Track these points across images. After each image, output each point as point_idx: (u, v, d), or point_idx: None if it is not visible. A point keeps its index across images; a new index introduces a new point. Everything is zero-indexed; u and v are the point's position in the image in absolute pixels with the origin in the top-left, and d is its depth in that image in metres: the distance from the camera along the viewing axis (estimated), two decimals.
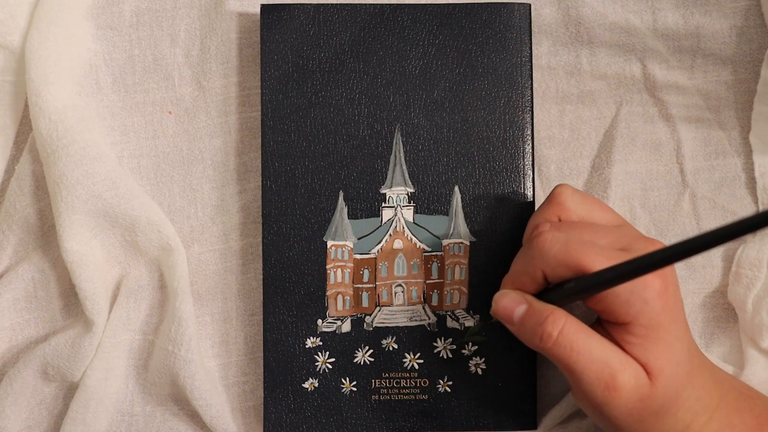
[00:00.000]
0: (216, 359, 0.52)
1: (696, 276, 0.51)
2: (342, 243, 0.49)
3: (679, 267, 0.51)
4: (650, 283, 0.40)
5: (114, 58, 0.52)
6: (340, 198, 0.49)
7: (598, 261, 0.40)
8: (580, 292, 0.41)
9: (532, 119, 0.50)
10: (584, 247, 0.41)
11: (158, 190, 0.52)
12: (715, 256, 0.51)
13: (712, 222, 0.52)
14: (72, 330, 0.50)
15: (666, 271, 0.41)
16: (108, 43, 0.52)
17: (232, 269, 0.52)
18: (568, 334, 0.41)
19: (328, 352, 0.49)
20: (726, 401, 0.44)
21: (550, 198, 0.45)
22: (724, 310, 0.51)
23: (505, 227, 0.49)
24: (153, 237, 0.50)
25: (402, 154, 0.50)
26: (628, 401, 0.41)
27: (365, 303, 0.50)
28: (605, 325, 0.43)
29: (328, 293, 0.49)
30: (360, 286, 0.50)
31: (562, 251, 0.41)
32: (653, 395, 0.41)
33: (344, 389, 0.50)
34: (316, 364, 0.50)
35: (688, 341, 0.43)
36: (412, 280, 0.50)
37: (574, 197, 0.45)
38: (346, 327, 0.50)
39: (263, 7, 0.50)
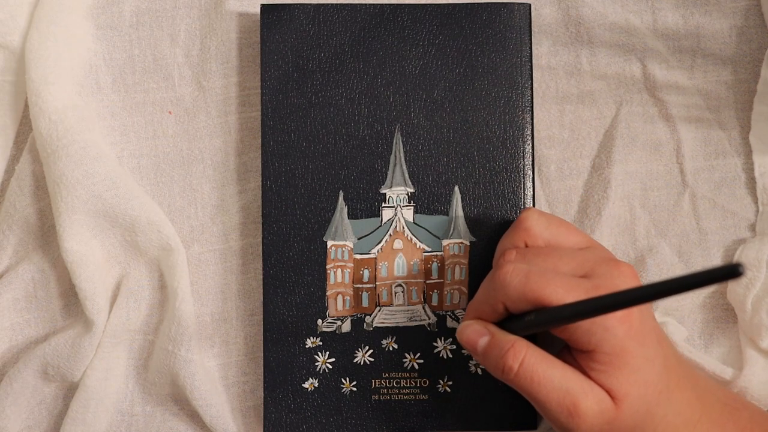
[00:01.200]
0: (216, 359, 0.52)
1: None
2: (342, 243, 0.49)
3: (679, 266, 0.51)
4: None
5: (114, 58, 0.52)
6: (340, 198, 0.49)
7: (556, 294, 0.40)
8: (540, 325, 0.41)
9: (532, 119, 0.50)
10: (544, 280, 0.41)
11: (158, 190, 0.52)
12: (715, 256, 0.51)
13: (711, 222, 0.52)
14: (72, 330, 0.50)
15: None
16: (108, 43, 0.52)
17: (232, 269, 0.52)
18: (528, 366, 0.41)
19: (328, 352, 0.50)
20: (709, 414, 0.44)
21: (517, 223, 0.46)
22: (724, 311, 0.51)
23: (505, 227, 0.49)
24: (153, 237, 0.50)
25: (402, 154, 0.50)
26: (593, 426, 0.41)
27: (365, 303, 0.50)
28: (572, 351, 0.43)
29: (328, 293, 0.49)
30: (360, 286, 0.50)
31: (522, 284, 0.41)
32: (620, 417, 0.41)
33: (344, 389, 0.50)
34: (316, 364, 0.50)
35: (662, 359, 0.42)
36: (412, 280, 0.50)
37: (540, 222, 0.45)
38: (346, 327, 0.50)
39: (263, 7, 0.50)
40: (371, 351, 0.50)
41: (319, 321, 0.49)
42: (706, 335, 0.51)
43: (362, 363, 0.50)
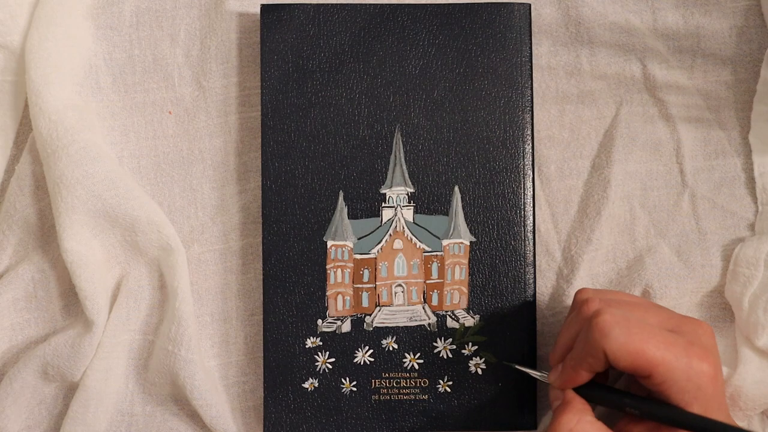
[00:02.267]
0: (216, 359, 0.52)
1: (695, 275, 0.51)
2: (342, 243, 0.49)
3: (678, 265, 0.51)
4: (704, 370, 0.41)
5: (114, 58, 0.52)
6: (340, 198, 0.49)
7: (658, 350, 0.41)
8: (643, 416, 0.43)
9: (532, 119, 0.50)
10: (646, 333, 0.41)
11: (158, 190, 0.52)
12: (714, 255, 0.51)
13: (711, 222, 0.52)
14: (72, 330, 0.50)
15: (715, 355, 0.43)
16: (108, 43, 0.52)
17: (232, 269, 0.52)
18: None
19: (328, 352, 0.50)
20: None
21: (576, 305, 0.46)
22: (721, 310, 0.51)
23: (505, 227, 0.49)
24: (153, 237, 0.50)
25: (402, 154, 0.50)
26: None
27: (365, 303, 0.50)
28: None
29: (328, 293, 0.49)
30: (360, 286, 0.50)
31: (624, 335, 0.41)
32: None
33: (344, 389, 0.50)
34: (316, 364, 0.50)
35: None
36: (412, 280, 0.50)
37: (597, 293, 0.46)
38: (346, 327, 0.50)
39: (263, 7, 0.50)
40: (371, 351, 0.50)
41: (319, 321, 0.49)
42: None
43: (362, 363, 0.50)
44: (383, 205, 0.50)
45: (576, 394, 0.45)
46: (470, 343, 0.49)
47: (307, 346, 0.50)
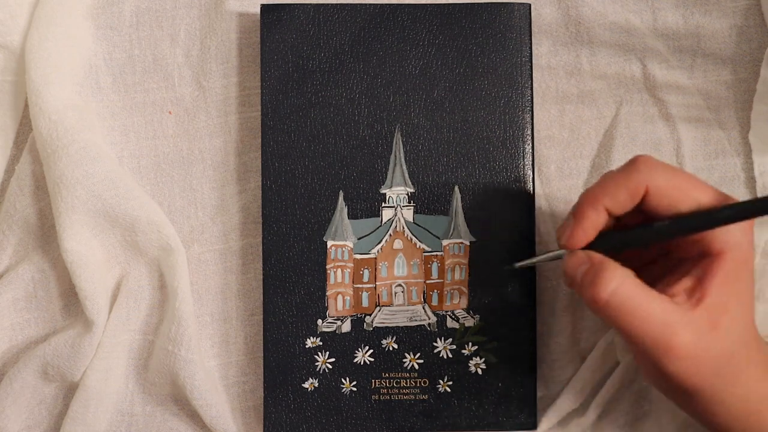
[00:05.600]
0: (216, 359, 0.52)
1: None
2: (342, 243, 0.49)
3: None
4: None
5: (114, 58, 0.52)
6: (340, 198, 0.49)
7: (707, 190, 0.40)
8: (678, 232, 0.41)
9: (532, 119, 0.50)
10: (691, 177, 0.41)
11: (158, 190, 0.52)
12: None
13: None
14: (72, 330, 0.50)
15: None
16: (108, 43, 0.52)
17: (232, 269, 0.52)
18: (622, 296, 0.39)
19: (328, 352, 0.50)
20: None
21: (630, 168, 0.42)
22: None
23: (505, 227, 0.49)
24: (153, 237, 0.50)
25: (402, 154, 0.50)
26: (687, 356, 0.39)
27: (365, 303, 0.50)
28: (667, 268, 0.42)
29: (328, 293, 0.49)
30: (360, 286, 0.50)
31: (670, 169, 0.41)
32: (717, 343, 0.40)
33: (344, 389, 0.50)
34: (316, 364, 0.50)
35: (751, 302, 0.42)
36: (412, 280, 0.50)
37: (659, 172, 0.42)
38: (346, 327, 0.50)
39: (263, 7, 0.50)
40: (371, 351, 0.50)
41: (319, 321, 0.49)
42: None
43: (362, 363, 0.50)
44: (383, 205, 0.50)
45: (605, 256, 0.42)
46: (470, 343, 0.49)
47: (307, 346, 0.50)
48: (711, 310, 0.40)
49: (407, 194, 0.50)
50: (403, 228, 0.50)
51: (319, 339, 0.49)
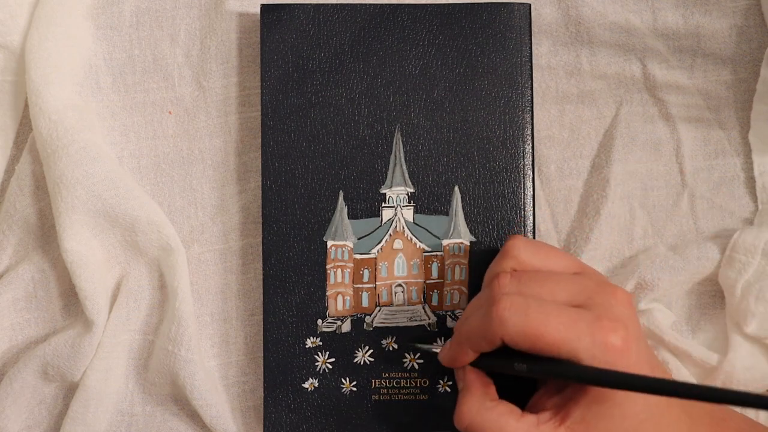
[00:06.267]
0: (216, 359, 0.52)
1: (689, 267, 0.50)
2: (342, 243, 0.49)
3: (674, 258, 0.50)
4: (611, 343, 0.40)
5: (114, 58, 0.52)
6: (340, 198, 0.49)
7: (558, 333, 0.40)
8: (536, 375, 0.42)
9: (532, 119, 0.50)
10: (544, 315, 0.40)
11: (158, 190, 0.52)
12: (710, 249, 0.50)
13: (709, 221, 0.52)
14: (72, 330, 0.50)
15: (627, 325, 0.41)
16: (108, 43, 0.52)
17: (232, 269, 0.52)
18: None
19: (328, 352, 0.50)
20: (697, 428, 0.43)
21: (504, 251, 0.45)
22: (711, 298, 0.51)
23: (505, 227, 0.49)
24: (153, 237, 0.50)
25: (402, 154, 0.50)
26: None
27: (365, 303, 0.50)
28: (546, 388, 0.44)
29: (328, 293, 0.50)
30: (360, 286, 0.50)
31: (522, 322, 0.40)
32: None
33: (344, 389, 0.50)
34: (316, 364, 0.50)
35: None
36: (412, 280, 0.50)
37: (527, 249, 0.45)
38: (346, 327, 0.50)
39: (263, 7, 0.50)
40: (371, 351, 0.50)
41: (319, 321, 0.49)
42: (693, 321, 0.51)
43: (362, 363, 0.50)
44: (383, 205, 0.50)
45: (476, 372, 0.44)
46: None
47: (307, 346, 0.50)
48: (572, 430, 0.41)
49: (407, 194, 0.50)
50: (403, 228, 0.50)
51: (319, 339, 0.49)
